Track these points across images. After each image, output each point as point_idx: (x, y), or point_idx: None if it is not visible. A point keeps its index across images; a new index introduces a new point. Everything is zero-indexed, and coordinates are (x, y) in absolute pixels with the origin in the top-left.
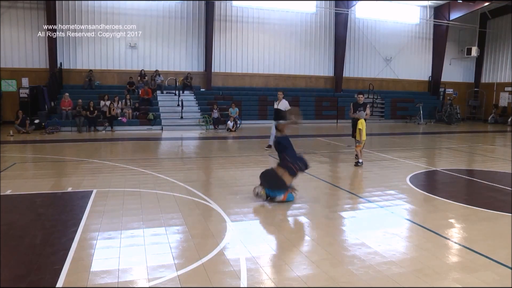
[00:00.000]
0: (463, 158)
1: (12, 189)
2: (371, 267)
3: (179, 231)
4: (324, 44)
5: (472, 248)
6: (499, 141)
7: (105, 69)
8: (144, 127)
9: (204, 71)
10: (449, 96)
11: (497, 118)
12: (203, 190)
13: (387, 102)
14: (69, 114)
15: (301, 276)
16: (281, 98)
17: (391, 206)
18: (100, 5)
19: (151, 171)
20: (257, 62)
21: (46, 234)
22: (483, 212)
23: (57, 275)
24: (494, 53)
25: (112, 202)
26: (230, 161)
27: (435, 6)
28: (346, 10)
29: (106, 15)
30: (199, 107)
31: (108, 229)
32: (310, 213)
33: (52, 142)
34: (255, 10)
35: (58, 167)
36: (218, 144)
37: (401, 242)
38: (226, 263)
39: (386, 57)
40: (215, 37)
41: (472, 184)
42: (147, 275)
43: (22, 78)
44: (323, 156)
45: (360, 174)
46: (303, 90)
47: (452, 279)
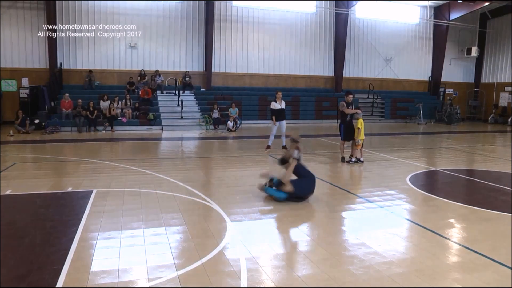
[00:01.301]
0: (463, 158)
1: (12, 189)
2: (371, 267)
3: (179, 231)
4: (324, 44)
5: (472, 248)
6: (499, 141)
7: (105, 69)
8: (144, 127)
9: (204, 71)
10: (449, 96)
11: (497, 118)
12: (203, 190)
13: (387, 102)
14: (69, 114)
15: (301, 276)
16: (280, 97)
17: (391, 206)
18: (100, 5)
19: (151, 171)
20: (257, 62)
21: (46, 234)
22: (483, 212)
23: (57, 275)
24: (494, 53)
25: (112, 202)
26: (230, 161)
27: (435, 6)
28: (346, 10)
29: (106, 15)
30: (199, 107)
31: (108, 229)
32: (310, 213)
33: (52, 142)
34: (255, 10)
35: (58, 167)
36: (218, 144)
37: (401, 242)
38: (226, 263)
39: (386, 57)
40: (215, 37)
41: (472, 184)
42: (147, 275)
43: (22, 78)
44: (323, 156)
45: (360, 174)
46: (303, 90)
47: (452, 279)
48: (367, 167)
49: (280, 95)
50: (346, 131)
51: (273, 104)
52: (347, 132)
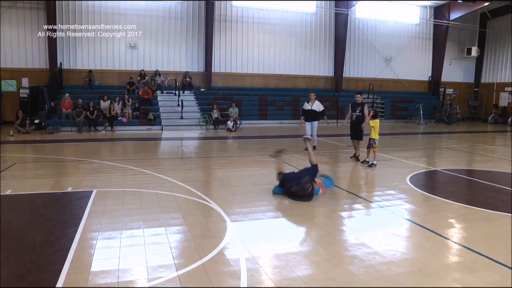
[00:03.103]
0: (463, 158)
1: (12, 189)
2: (371, 267)
3: (179, 231)
4: (324, 44)
5: (472, 248)
6: (499, 141)
7: (105, 69)
8: (144, 127)
9: (204, 71)
10: (449, 96)
11: (497, 118)
12: (203, 190)
13: (387, 102)
14: (70, 114)
15: (301, 276)
16: (313, 99)
17: (391, 206)
18: (100, 5)
19: (151, 171)
20: (257, 62)
21: (46, 234)
22: (483, 212)
23: (57, 275)
24: (494, 53)
25: (112, 202)
26: (230, 161)
27: (435, 6)
28: (346, 10)
29: (106, 15)
30: (199, 107)
31: (108, 229)
32: (310, 213)
33: (52, 142)
34: (255, 10)
35: (58, 167)
36: (218, 144)
37: (401, 242)
38: (226, 263)
39: (386, 57)
40: (215, 37)
41: (472, 184)
42: (147, 275)
43: (22, 78)
44: (323, 156)
45: (360, 174)
46: (303, 90)
47: (452, 279)
48: (367, 167)
49: (312, 96)
50: (351, 130)
51: (305, 105)
52: (351, 131)
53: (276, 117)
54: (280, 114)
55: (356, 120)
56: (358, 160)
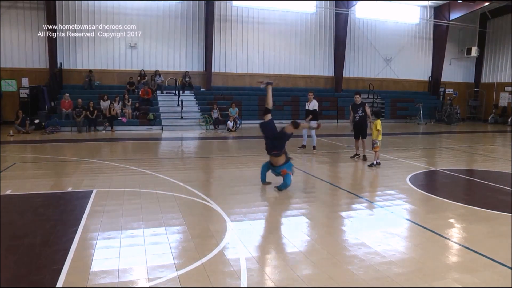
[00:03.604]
0: (463, 158)
1: (12, 189)
2: (371, 267)
3: (179, 231)
4: (324, 44)
5: (472, 248)
6: (499, 141)
7: (105, 69)
8: (144, 127)
9: (204, 71)
10: (449, 96)
11: (497, 118)
12: (203, 190)
13: (387, 102)
14: (70, 114)
15: (301, 276)
16: (311, 99)
17: (391, 206)
18: (100, 5)
19: (151, 171)
20: (257, 62)
21: (46, 234)
22: (483, 212)
23: (57, 275)
24: (494, 53)
25: (112, 202)
26: (230, 161)
27: (435, 6)
28: (346, 10)
29: (106, 15)
30: (199, 107)
31: (108, 229)
32: (310, 213)
33: (52, 142)
34: (255, 10)
35: (58, 167)
36: (218, 144)
37: (401, 242)
38: (226, 263)
39: (386, 57)
40: (215, 37)
41: (472, 184)
42: (147, 275)
43: (22, 78)
44: (323, 156)
45: (360, 174)
46: (303, 90)
47: (452, 279)
48: (367, 167)
49: (310, 96)
50: (354, 130)
51: (306, 105)
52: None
53: (276, 117)
54: (280, 114)
55: (359, 120)
56: (365, 160)
